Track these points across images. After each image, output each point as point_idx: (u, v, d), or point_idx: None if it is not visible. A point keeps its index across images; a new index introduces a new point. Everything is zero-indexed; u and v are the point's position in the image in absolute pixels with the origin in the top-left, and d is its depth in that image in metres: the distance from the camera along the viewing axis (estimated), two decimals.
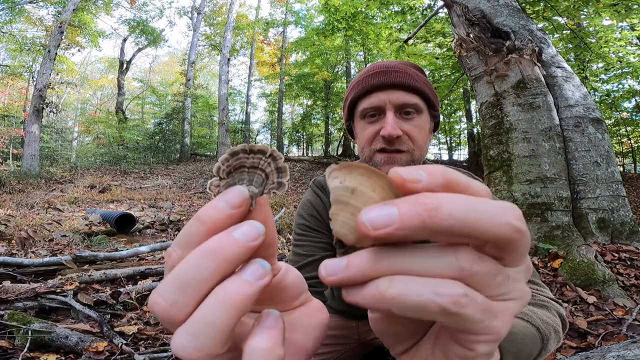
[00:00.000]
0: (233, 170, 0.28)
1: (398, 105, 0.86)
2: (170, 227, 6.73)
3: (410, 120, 0.87)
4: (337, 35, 11.31)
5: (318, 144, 27.37)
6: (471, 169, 11.64)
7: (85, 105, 29.13)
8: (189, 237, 0.25)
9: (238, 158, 0.28)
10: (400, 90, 0.86)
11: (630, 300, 2.38)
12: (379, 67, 0.91)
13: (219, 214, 0.24)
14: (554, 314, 0.72)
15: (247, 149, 0.28)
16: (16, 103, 19.95)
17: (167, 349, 1.81)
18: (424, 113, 0.89)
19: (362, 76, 0.92)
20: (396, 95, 0.86)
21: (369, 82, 0.88)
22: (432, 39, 9.20)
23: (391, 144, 0.85)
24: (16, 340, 1.72)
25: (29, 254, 3.79)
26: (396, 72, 0.87)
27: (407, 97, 0.86)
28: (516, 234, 0.21)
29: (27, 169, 11.13)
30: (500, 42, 3.55)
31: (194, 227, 0.25)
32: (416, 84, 0.86)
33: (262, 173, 0.28)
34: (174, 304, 0.22)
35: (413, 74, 0.88)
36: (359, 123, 0.92)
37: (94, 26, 15.67)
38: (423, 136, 0.88)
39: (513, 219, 0.21)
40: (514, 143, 3.29)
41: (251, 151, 0.28)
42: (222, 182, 0.28)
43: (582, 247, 2.75)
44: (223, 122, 13.67)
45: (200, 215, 0.25)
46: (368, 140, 0.88)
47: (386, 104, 0.86)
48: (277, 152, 0.28)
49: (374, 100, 0.87)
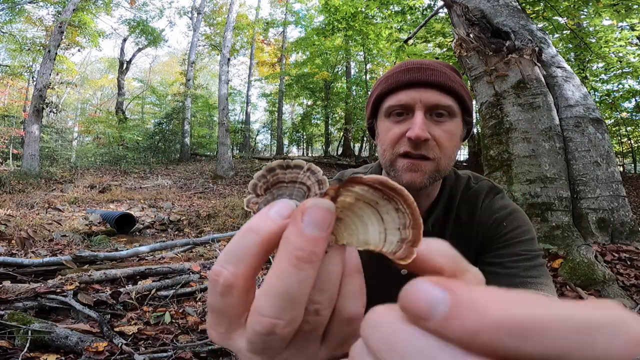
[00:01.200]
0: (271, 187, 0.28)
1: (429, 106, 0.78)
2: (170, 227, 6.73)
3: (441, 124, 0.78)
4: (337, 35, 11.31)
5: (318, 144, 27.37)
6: (471, 168, 11.64)
7: (85, 105, 29.14)
8: (242, 251, 0.24)
9: (275, 174, 0.28)
10: (433, 89, 0.78)
11: (630, 300, 2.38)
12: (412, 63, 0.82)
13: (273, 224, 0.24)
14: None
15: (283, 164, 0.28)
16: (16, 103, 19.96)
17: (167, 349, 1.81)
18: (457, 118, 0.81)
19: (392, 72, 0.84)
20: (429, 94, 0.78)
21: (399, 77, 0.80)
22: (432, 39, 9.21)
23: (417, 148, 0.76)
24: (16, 340, 1.72)
25: (29, 254, 3.80)
26: (431, 70, 0.79)
27: (440, 98, 0.78)
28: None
29: (27, 169, 11.13)
30: (500, 42, 3.55)
31: (248, 239, 0.24)
32: (452, 84, 0.79)
33: (302, 186, 0.28)
34: (291, 321, 0.22)
35: (449, 74, 0.80)
36: (383, 122, 0.83)
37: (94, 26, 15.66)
38: (453, 144, 0.79)
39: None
40: (514, 143, 3.29)
41: (287, 166, 0.28)
42: (261, 199, 0.28)
43: (582, 247, 2.75)
44: (223, 122, 13.66)
45: (253, 226, 0.24)
46: (392, 142, 0.79)
47: (416, 103, 0.77)
48: (315, 166, 0.28)
49: (402, 97, 0.79)
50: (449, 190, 0.89)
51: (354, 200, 0.24)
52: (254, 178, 0.28)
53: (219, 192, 10.96)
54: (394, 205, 0.24)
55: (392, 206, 0.24)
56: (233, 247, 0.24)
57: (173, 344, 1.87)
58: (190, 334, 2.04)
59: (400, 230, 0.24)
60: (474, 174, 0.96)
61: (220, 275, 0.24)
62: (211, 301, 0.25)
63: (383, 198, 0.24)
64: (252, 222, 0.24)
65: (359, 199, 0.24)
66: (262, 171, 0.28)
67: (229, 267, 0.24)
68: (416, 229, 0.23)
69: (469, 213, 0.88)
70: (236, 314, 0.25)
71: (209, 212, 7.52)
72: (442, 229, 0.89)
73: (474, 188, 0.90)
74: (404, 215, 0.24)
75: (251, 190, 0.28)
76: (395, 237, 0.24)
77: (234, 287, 0.24)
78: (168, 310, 2.27)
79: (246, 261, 0.24)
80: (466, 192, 0.90)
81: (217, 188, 11.50)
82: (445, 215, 0.89)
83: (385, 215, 0.24)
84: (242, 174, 13.90)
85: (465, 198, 0.89)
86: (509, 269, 0.78)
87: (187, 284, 2.72)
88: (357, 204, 0.24)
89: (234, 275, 0.23)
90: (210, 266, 3.10)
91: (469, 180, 0.92)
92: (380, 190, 0.24)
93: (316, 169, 0.28)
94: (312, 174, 0.28)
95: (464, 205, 0.89)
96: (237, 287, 0.24)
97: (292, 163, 0.28)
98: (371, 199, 0.24)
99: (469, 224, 0.88)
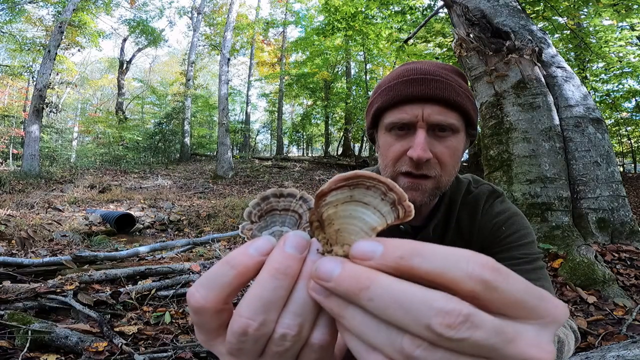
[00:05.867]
0: (265, 214, 0.30)
1: (432, 124, 0.74)
2: (170, 227, 6.73)
3: (443, 140, 0.75)
4: (337, 35, 11.30)
5: (318, 144, 27.36)
6: (471, 169, 11.65)
7: (85, 105, 29.11)
8: (216, 280, 0.26)
9: (269, 202, 0.30)
10: (437, 105, 0.73)
11: (630, 300, 2.38)
12: (414, 72, 0.76)
13: (250, 260, 0.26)
14: (564, 326, 0.73)
15: (277, 193, 0.31)
16: (16, 103, 19.96)
17: (167, 348, 1.81)
18: (461, 133, 0.77)
19: (392, 81, 0.78)
20: (432, 110, 0.73)
21: (401, 90, 0.75)
22: (432, 39, 9.21)
23: (418, 168, 0.74)
24: (16, 340, 1.72)
25: (29, 254, 3.80)
26: (435, 82, 0.73)
27: (444, 116, 0.74)
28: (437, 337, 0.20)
29: (27, 169, 11.13)
30: (500, 42, 3.54)
31: (223, 270, 0.26)
32: (457, 98, 0.74)
33: (294, 214, 0.30)
34: (262, 324, 0.25)
35: (454, 84, 0.75)
36: (384, 136, 0.80)
37: (94, 26, 15.66)
38: (454, 160, 0.78)
39: (440, 320, 0.20)
40: (514, 143, 3.29)
41: (281, 195, 0.31)
42: (255, 225, 0.30)
43: (582, 247, 2.75)
44: (223, 122, 13.66)
45: (230, 260, 0.27)
46: (393, 159, 0.77)
47: (419, 121, 0.74)
48: (307, 195, 0.31)
49: (404, 115, 0.74)
50: (449, 195, 0.89)
51: (335, 208, 0.26)
52: (249, 206, 0.30)
53: (219, 192, 10.95)
54: (363, 187, 0.26)
55: (363, 188, 0.26)
56: (210, 274, 0.27)
57: (173, 344, 1.87)
58: (190, 334, 2.04)
59: (384, 200, 0.26)
60: (474, 178, 0.96)
61: (192, 297, 0.27)
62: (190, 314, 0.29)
63: (351, 189, 0.26)
64: (231, 256, 0.27)
65: (337, 204, 0.26)
66: (257, 199, 0.30)
67: (201, 291, 0.27)
68: (393, 189, 0.26)
69: (469, 217, 0.88)
70: (211, 328, 0.28)
71: (209, 212, 7.52)
72: (442, 234, 0.89)
73: (474, 192, 0.90)
74: (376, 187, 0.26)
75: (246, 217, 0.30)
76: (387, 207, 0.26)
77: (204, 309, 0.27)
78: (168, 310, 2.27)
79: (218, 289, 0.26)
80: (467, 196, 0.90)
81: (217, 188, 11.50)
82: (446, 220, 0.89)
83: (365, 198, 0.26)
84: (242, 174, 13.90)
85: (466, 202, 0.89)
86: None
87: (187, 284, 2.72)
88: (339, 208, 0.26)
89: (204, 299, 0.26)
90: (210, 266, 3.10)
91: (469, 184, 0.92)
92: (343, 185, 0.26)
93: (308, 198, 0.30)
94: (304, 202, 0.30)
95: (464, 209, 0.89)
96: (207, 310, 0.27)
97: (285, 192, 0.31)
98: (345, 197, 0.26)
99: (470, 228, 0.88)
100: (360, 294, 0.22)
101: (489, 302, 0.21)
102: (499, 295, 0.21)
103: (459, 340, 0.20)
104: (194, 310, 0.27)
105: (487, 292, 0.21)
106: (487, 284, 0.21)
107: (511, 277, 0.21)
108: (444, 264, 0.21)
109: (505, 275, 0.21)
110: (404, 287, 0.21)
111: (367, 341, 0.23)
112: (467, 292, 0.21)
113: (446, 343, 0.20)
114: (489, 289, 0.21)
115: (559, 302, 0.23)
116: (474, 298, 0.21)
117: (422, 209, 0.86)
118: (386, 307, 0.21)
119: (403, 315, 0.21)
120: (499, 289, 0.21)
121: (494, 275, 0.21)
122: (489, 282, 0.21)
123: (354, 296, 0.22)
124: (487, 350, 0.20)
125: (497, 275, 0.21)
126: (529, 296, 0.21)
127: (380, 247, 0.23)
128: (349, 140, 19.28)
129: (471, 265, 0.21)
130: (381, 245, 0.23)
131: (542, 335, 0.21)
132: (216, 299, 0.26)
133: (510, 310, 0.21)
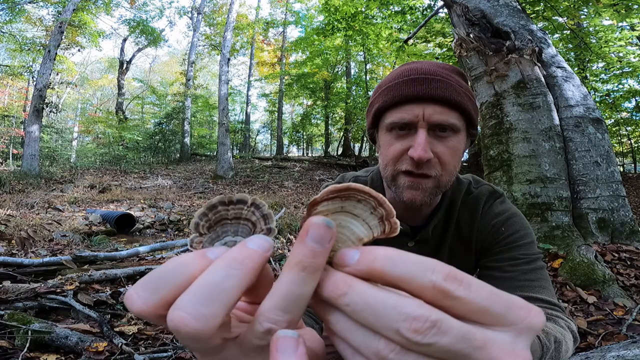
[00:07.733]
0: (214, 224, 0.27)
1: (433, 124, 0.74)
2: (170, 227, 6.72)
3: (444, 140, 0.75)
4: (337, 35, 11.30)
5: (318, 144, 27.37)
6: (471, 169, 11.64)
7: (85, 105, 29.11)
8: (165, 281, 0.24)
9: (217, 211, 0.27)
10: (438, 105, 0.73)
11: (630, 300, 2.38)
12: (415, 72, 0.76)
13: (206, 262, 0.24)
14: (561, 326, 0.72)
15: (225, 200, 0.28)
16: (16, 103, 19.97)
17: (167, 348, 1.81)
18: (461, 133, 0.77)
19: (393, 81, 0.78)
20: (433, 110, 0.73)
21: (402, 90, 0.75)
22: (432, 39, 9.21)
23: (419, 168, 0.75)
24: (16, 340, 1.72)
25: (29, 254, 3.80)
26: (436, 82, 0.73)
27: (445, 116, 0.73)
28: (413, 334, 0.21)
29: (27, 169, 11.13)
30: (500, 42, 3.54)
31: (176, 270, 0.24)
32: (458, 98, 0.74)
33: (247, 222, 0.28)
34: (202, 317, 0.22)
35: (455, 84, 0.75)
36: (385, 136, 0.80)
37: (94, 26, 15.66)
38: (455, 159, 0.78)
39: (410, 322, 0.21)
40: (514, 143, 3.29)
41: (230, 202, 0.28)
42: (205, 237, 0.27)
43: (582, 247, 2.75)
44: (223, 122, 13.65)
45: (185, 261, 0.24)
46: (393, 158, 0.77)
47: (419, 121, 0.74)
48: (259, 200, 0.28)
49: (405, 115, 0.74)
50: (450, 195, 0.89)
51: (326, 217, 0.26)
52: (195, 217, 0.27)
53: (218, 192, 10.95)
54: (355, 199, 0.26)
55: (354, 201, 0.27)
56: (154, 275, 0.24)
57: (173, 344, 1.87)
58: None
59: (373, 214, 0.27)
60: (475, 178, 0.96)
61: (133, 303, 0.23)
62: None
63: (342, 200, 0.26)
64: (185, 258, 0.25)
65: (327, 213, 0.26)
66: (203, 209, 0.27)
67: (141, 293, 0.24)
68: (383, 205, 0.27)
69: (469, 218, 0.88)
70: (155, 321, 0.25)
71: None
72: (442, 234, 0.89)
73: (474, 193, 0.90)
74: (366, 201, 0.27)
75: (193, 229, 0.27)
76: (374, 220, 0.27)
77: (144, 313, 0.24)
78: None
79: (163, 292, 0.23)
80: (467, 197, 0.90)
81: (217, 188, 11.50)
82: (446, 221, 0.89)
83: (355, 210, 0.27)
84: (242, 174, 13.90)
85: (466, 203, 0.89)
86: (508, 273, 0.79)
87: None
88: (330, 217, 0.26)
89: (145, 301, 0.23)
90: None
91: (469, 185, 0.92)
92: (335, 197, 0.26)
93: (261, 203, 0.28)
94: (256, 209, 0.28)
95: (464, 210, 0.89)
96: (147, 314, 0.24)
97: (234, 198, 0.28)
98: (336, 207, 0.27)
99: (469, 228, 0.88)
100: (338, 300, 0.23)
101: (454, 309, 0.22)
102: (461, 303, 0.22)
103: (426, 345, 0.21)
104: (137, 315, 0.24)
105: (448, 300, 0.22)
106: (447, 293, 0.22)
107: (473, 286, 0.22)
108: (411, 271, 0.23)
109: (467, 285, 0.22)
110: (377, 293, 0.22)
111: (351, 344, 0.24)
112: (431, 300, 0.22)
113: (415, 347, 0.21)
114: (449, 298, 0.22)
115: (532, 307, 0.23)
116: (439, 306, 0.22)
117: (422, 208, 0.85)
118: (361, 311, 0.22)
119: (375, 319, 0.22)
120: (460, 298, 0.22)
121: (454, 285, 0.22)
122: (449, 292, 0.22)
123: (334, 301, 0.24)
124: (456, 356, 0.21)
125: (457, 285, 0.22)
126: (493, 303, 0.22)
127: (357, 254, 0.24)
128: (349, 140, 19.29)
129: (435, 275, 0.22)
130: (358, 253, 0.24)
131: (517, 342, 0.22)
132: (160, 302, 0.23)
133: (477, 317, 0.22)
